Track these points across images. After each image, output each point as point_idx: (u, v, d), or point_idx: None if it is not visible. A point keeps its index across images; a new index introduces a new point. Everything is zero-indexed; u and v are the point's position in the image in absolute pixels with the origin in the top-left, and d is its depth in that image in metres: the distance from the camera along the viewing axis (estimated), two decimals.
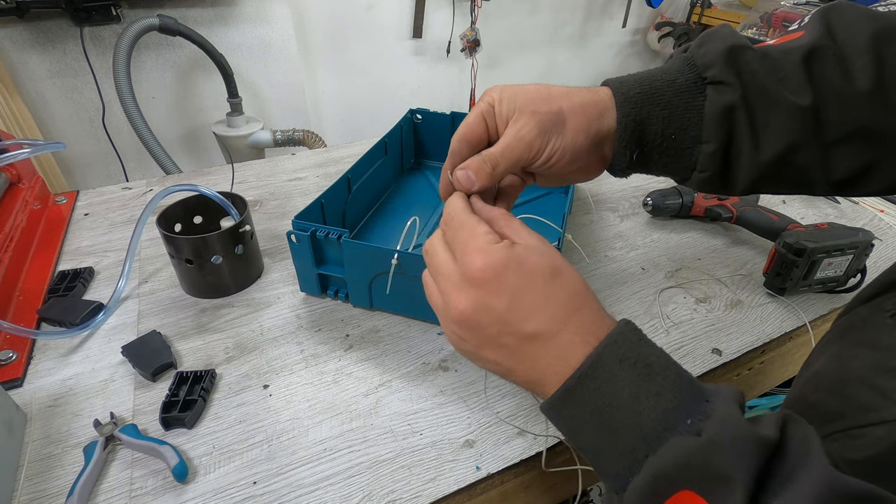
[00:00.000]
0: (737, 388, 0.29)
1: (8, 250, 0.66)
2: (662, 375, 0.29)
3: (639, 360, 0.29)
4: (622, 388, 0.29)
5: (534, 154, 0.37)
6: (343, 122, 2.14)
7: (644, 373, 0.29)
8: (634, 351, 0.30)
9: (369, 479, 0.46)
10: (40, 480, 0.45)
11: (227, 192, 0.65)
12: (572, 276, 0.33)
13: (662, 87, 0.37)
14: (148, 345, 0.56)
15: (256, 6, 1.65)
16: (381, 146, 0.80)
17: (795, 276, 0.64)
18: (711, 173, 0.38)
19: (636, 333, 0.31)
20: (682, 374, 0.29)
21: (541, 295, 0.32)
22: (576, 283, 0.33)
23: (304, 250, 0.60)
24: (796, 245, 0.62)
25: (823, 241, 0.62)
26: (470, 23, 2.10)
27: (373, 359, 0.57)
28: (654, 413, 0.28)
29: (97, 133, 1.58)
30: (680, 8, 2.38)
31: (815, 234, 0.64)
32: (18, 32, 1.38)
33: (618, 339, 0.30)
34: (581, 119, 0.37)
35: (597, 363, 0.30)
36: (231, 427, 0.50)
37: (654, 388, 0.28)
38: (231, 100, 1.62)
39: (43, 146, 0.68)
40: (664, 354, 0.30)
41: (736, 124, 0.36)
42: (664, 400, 0.28)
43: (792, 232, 0.65)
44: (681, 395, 0.28)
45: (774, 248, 0.65)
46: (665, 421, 0.27)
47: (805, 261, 0.62)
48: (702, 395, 0.28)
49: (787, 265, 0.64)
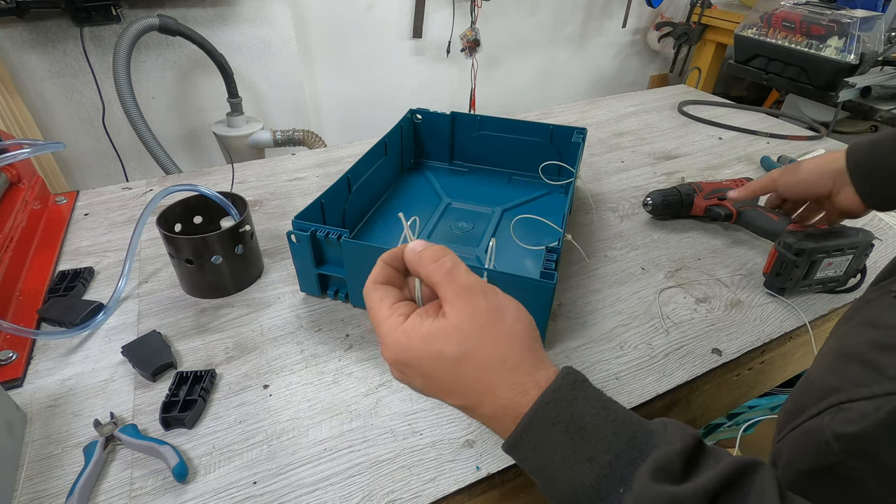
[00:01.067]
0: (677, 428, 0.29)
1: (8, 250, 0.66)
2: (596, 438, 0.28)
3: (571, 423, 0.29)
4: (554, 453, 0.29)
5: (773, 182, 0.64)
6: (343, 122, 2.14)
7: (577, 436, 0.29)
8: (568, 412, 0.29)
9: (369, 479, 0.46)
10: (40, 480, 0.45)
11: (227, 192, 0.65)
12: (482, 350, 0.32)
13: (883, 140, 0.53)
14: (148, 345, 0.56)
15: (256, 6, 1.65)
16: (381, 146, 0.80)
17: (795, 276, 0.64)
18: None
19: (573, 389, 0.30)
20: (619, 432, 0.28)
21: (449, 379, 0.32)
22: (489, 356, 0.32)
23: (304, 250, 0.60)
24: (796, 245, 0.62)
25: (823, 242, 0.62)
26: (470, 23, 2.10)
27: (373, 359, 0.57)
28: (587, 480, 0.28)
29: (97, 133, 1.58)
30: (680, 8, 2.38)
31: (815, 234, 0.63)
32: (18, 32, 1.38)
33: (550, 401, 0.30)
34: (812, 163, 0.60)
35: (529, 427, 0.30)
36: (231, 427, 0.50)
37: (587, 453, 0.28)
38: (231, 100, 1.62)
39: (43, 146, 0.68)
40: (602, 408, 0.30)
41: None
42: (596, 466, 0.28)
43: (792, 232, 0.64)
44: (615, 459, 0.28)
45: (774, 249, 0.65)
46: (598, 489, 0.28)
47: (805, 261, 0.62)
48: (638, 455, 0.28)
49: (788, 265, 0.64)
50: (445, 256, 0.34)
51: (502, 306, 0.33)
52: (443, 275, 0.33)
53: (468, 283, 0.33)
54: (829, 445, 0.31)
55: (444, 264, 0.33)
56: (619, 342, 0.60)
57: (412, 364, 0.33)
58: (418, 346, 0.32)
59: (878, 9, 1.61)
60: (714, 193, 0.80)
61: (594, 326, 0.62)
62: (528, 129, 0.87)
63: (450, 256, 0.34)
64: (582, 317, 0.64)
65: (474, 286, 0.33)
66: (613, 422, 0.29)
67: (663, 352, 0.59)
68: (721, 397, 0.64)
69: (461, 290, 0.33)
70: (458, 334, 0.32)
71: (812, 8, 1.49)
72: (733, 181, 0.82)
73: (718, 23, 2.23)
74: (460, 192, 0.86)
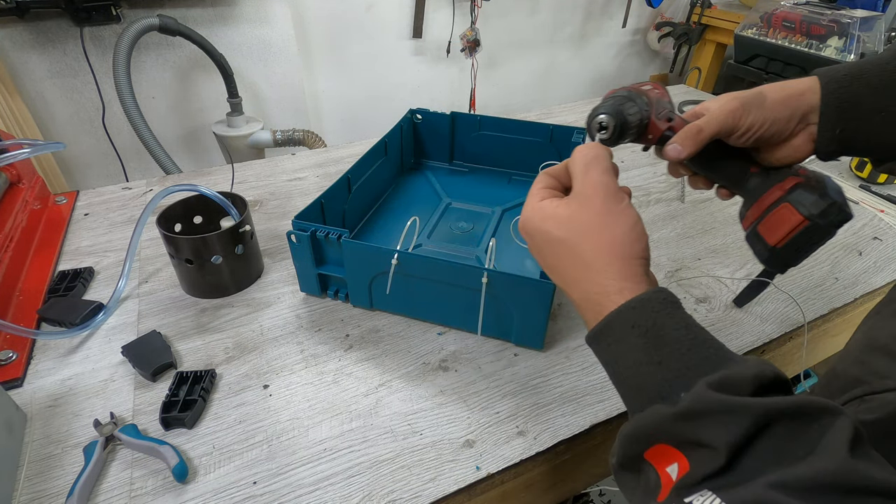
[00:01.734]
0: (760, 362, 0.29)
1: (8, 250, 0.66)
2: (671, 347, 0.30)
3: (651, 330, 0.31)
4: (627, 352, 0.32)
5: (735, 122, 0.41)
6: (343, 122, 2.14)
7: (653, 342, 0.31)
8: (650, 320, 0.31)
9: (369, 479, 0.46)
10: (40, 480, 0.45)
11: (227, 192, 0.65)
12: (580, 243, 0.35)
13: (872, 69, 0.39)
14: (148, 345, 0.56)
15: (256, 6, 1.65)
16: (381, 146, 0.80)
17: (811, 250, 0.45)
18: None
19: (662, 304, 0.32)
20: (695, 348, 0.30)
21: (551, 258, 0.38)
22: (585, 252, 0.35)
23: (304, 250, 0.60)
24: (832, 208, 0.41)
25: (827, 189, 0.42)
26: (470, 23, 2.10)
27: (373, 359, 0.57)
28: (653, 379, 0.30)
29: (97, 133, 1.57)
30: (680, 8, 2.38)
31: (812, 181, 0.43)
32: (18, 32, 1.38)
33: (636, 306, 0.32)
34: (780, 94, 0.41)
35: (609, 324, 0.33)
36: (231, 427, 0.50)
37: (657, 357, 0.30)
38: (231, 100, 1.62)
39: (43, 146, 0.68)
40: (689, 329, 0.31)
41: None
42: (664, 369, 0.30)
43: (799, 185, 0.42)
44: (684, 368, 0.29)
45: (793, 211, 0.42)
46: (660, 389, 0.29)
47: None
48: (709, 370, 0.29)
49: (817, 236, 0.42)
50: (589, 150, 0.38)
51: (618, 214, 0.36)
52: (579, 166, 0.37)
53: (595, 181, 0.36)
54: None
55: (585, 157, 0.37)
56: None
57: (531, 234, 0.39)
58: (537, 222, 0.38)
59: (878, 9, 1.61)
60: (663, 111, 0.47)
61: None
62: (528, 129, 0.87)
63: (593, 150, 0.38)
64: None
65: (598, 186, 0.36)
66: (692, 339, 0.30)
67: None
68: None
69: (587, 185, 0.36)
70: (567, 223, 0.36)
71: (812, 8, 1.49)
72: (655, 85, 0.49)
73: (718, 23, 2.23)
74: (460, 192, 0.86)
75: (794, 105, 0.40)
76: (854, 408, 0.32)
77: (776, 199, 0.43)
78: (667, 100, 0.48)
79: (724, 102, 0.41)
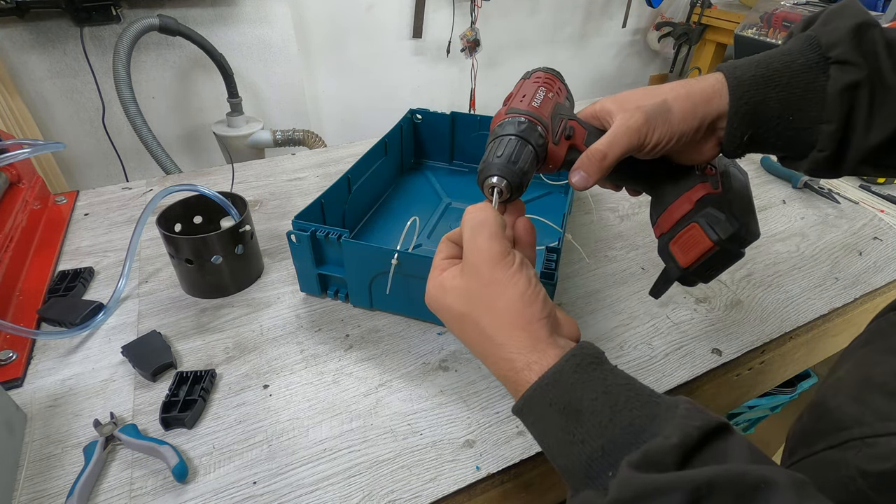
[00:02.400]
0: (686, 417, 0.27)
1: (8, 250, 0.66)
2: (591, 421, 0.29)
3: (568, 406, 0.30)
4: (550, 430, 0.31)
5: (641, 140, 0.38)
6: (343, 122, 2.14)
7: (573, 419, 0.29)
8: (566, 395, 0.30)
9: (369, 479, 0.46)
10: (40, 480, 0.45)
11: (227, 192, 0.65)
12: (479, 316, 0.34)
13: (780, 68, 0.37)
14: (148, 345, 0.56)
15: (256, 6, 1.65)
16: (381, 146, 0.80)
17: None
18: (829, 153, 0.37)
19: (576, 373, 0.30)
20: (616, 418, 0.28)
21: (457, 331, 0.37)
22: (485, 326, 0.34)
23: (304, 250, 0.60)
24: (741, 230, 0.41)
25: (744, 207, 0.42)
26: (470, 23, 2.10)
27: (373, 359, 0.57)
28: (579, 459, 0.29)
29: (97, 133, 1.58)
30: (680, 8, 2.38)
31: (726, 195, 0.41)
32: (18, 32, 1.38)
33: (550, 382, 0.31)
34: (686, 105, 0.38)
35: (528, 403, 0.32)
36: (231, 427, 0.50)
37: (579, 435, 0.29)
38: (231, 100, 1.62)
39: (43, 146, 0.68)
40: (604, 393, 0.29)
41: (856, 105, 0.35)
42: (588, 448, 0.28)
43: (706, 198, 0.41)
44: (607, 444, 0.28)
45: (702, 233, 0.41)
46: (588, 470, 0.28)
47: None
48: (633, 442, 0.27)
49: (727, 260, 0.42)
50: (476, 214, 0.35)
51: (506, 281, 0.33)
52: (467, 232, 0.35)
53: (480, 248, 0.34)
54: (854, 482, 0.30)
55: (472, 221, 0.35)
56: (619, 342, 0.60)
57: (438, 311, 0.37)
58: (440, 298, 0.36)
59: (878, 9, 1.62)
60: (560, 125, 0.42)
61: (594, 326, 0.62)
62: None
63: (480, 214, 0.35)
64: (582, 317, 0.64)
65: (483, 253, 0.34)
66: (612, 407, 0.29)
67: (663, 352, 0.59)
68: (721, 397, 0.64)
69: (473, 252, 0.34)
70: (466, 294, 0.35)
71: (812, 8, 1.50)
72: (546, 79, 0.45)
73: (718, 23, 2.23)
74: (460, 192, 0.86)
75: (702, 114, 0.38)
76: (855, 451, 0.30)
77: (685, 212, 0.41)
78: (563, 99, 0.45)
79: (627, 118, 0.38)
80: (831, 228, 0.82)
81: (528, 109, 0.40)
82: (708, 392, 0.60)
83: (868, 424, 0.31)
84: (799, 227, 0.82)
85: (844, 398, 0.35)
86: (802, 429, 0.37)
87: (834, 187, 0.93)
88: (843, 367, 0.39)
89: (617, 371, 0.31)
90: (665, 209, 0.43)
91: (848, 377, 0.37)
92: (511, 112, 0.41)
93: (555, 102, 0.43)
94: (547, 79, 0.45)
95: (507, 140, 0.39)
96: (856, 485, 0.29)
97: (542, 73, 0.46)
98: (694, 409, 0.28)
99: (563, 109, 0.43)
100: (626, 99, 0.39)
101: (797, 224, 0.83)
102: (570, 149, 0.42)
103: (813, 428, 0.35)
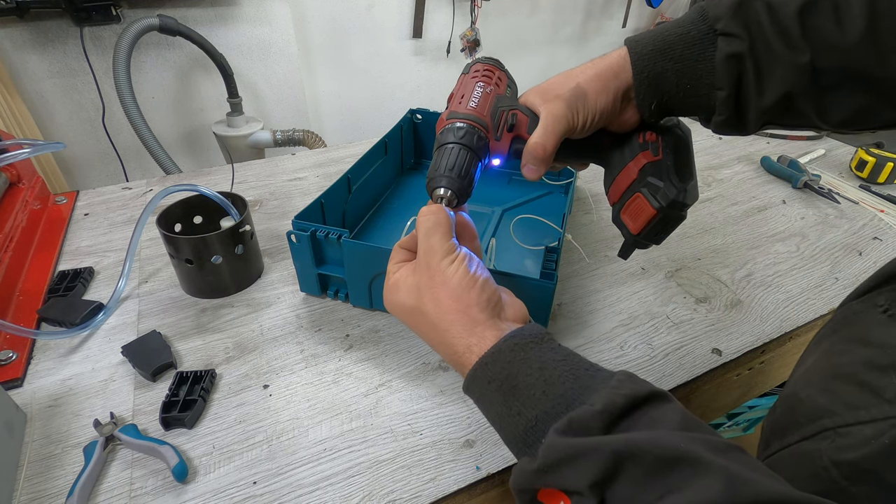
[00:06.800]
0: (622, 378, 0.29)
1: (8, 250, 0.66)
2: (525, 395, 0.31)
3: (506, 382, 0.32)
4: (491, 406, 0.34)
5: (569, 125, 0.41)
6: (343, 122, 2.14)
7: (510, 394, 0.32)
8: (503, 372, 0.33)
9: (369, 479, 0.46)
10: (40, 480, 0.45)
11: (227, 192, 0.65)
12: (425, 306, 0.37)
13: (675, 41, 0.39)
14: (148, 345, 0.56)
15: (256, 6, 1.65)
16: (381, 146, 0.80)
17: None
18: (727, 116, 0.39)
19: (513, 352, 0.33)
20: (549, 391, 0.31)
21: (411, 325, 0.40)
22: (431, 315, 0.37)
23: (304, 250, 0.60)
24: (681, 196, 0.42)
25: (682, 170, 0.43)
26: (470, 23, 2.10)
27: (373, 359, 0.57)
28: (517, 431, 0.31)
29: (97, 133, 1.57)
30: (680, 8, 2.38)
31: (667, 163, 0.43)
32: (18, 32, 1.38)
33: (488, 362, 0.34)
34: (598, 84, 0.41)
35: (471, 383, 0.35)
36: (231, 427, 0.50)
37: (516, 408, 0.31)
38: (231, 100, 1.62)
39: (43, 146, 0.68)
40: (539, 369, 0.32)
41: (744, 72, 0.37)
42: (523, 419, 0.31)
43: (652, 165, 0.43)
44: (541, 415, 0.30)
45: (644, 201, 0.43)
46: (525, 439, 0.31)
47: None
48: (564, 412, 0.29)
49: (670, 224, 0.44)
50: (429, 216, 0.39)
51: (447, 270, 0.37)
52: (420, 233, 0.39)
53: (431, 247, 0.38)
54: (827, 472, 0.30)
55: (425, 223, 0.39)
56: (620, 342, 0.60)
57: (394, 311, 0.40)
58: (391, 297, 0.40)
59: None
60: (502, 119, 0.44)
61: (594, 326, 0.62)
62: None
63: (433, 217, 0.39)
64: (582, 317, 0.64)
65: (432, 251, 0.37)
66: (546, 381, 0.31)
67: (663, 352, 0.59)
68: (721, 397, 0.64)
69: (423, 251, 0.38)
70: (415, 289, 0.38)
71: None
72: (486, 70, 0.46)
73: None
74: None
75: (614, 88, 0.41)
76: (828, 442, 0.31)
77: (629, 182, 0.43)
78: (503, 89, 0.46)
79: (551, 108, 0.41)
80: (831, 228, 0.82)
81: (467, 112, 0.43)
82: (708, 392, 0.60)
83: (839, 414, 0.31)
84: (799, 227, 0.83)
85: (814, 389, 0.35)
86: (776, 421, 0.38)
87: (834, 187, 0.93)
88: (810, 357, 0.40)
89: (559, 349, 0.34)
90: (614, 179, 0.45)
91: (816, 367, 0.37)
92: (451, 117, 0.43)
93: (494, 95, 0.44)
94: (486, 71, 0.46)
95: (450, 149, 0.42)
96: (829, 475, 0.30)
97: (480, 66, 0.47)
98: (628, 379, 0.30)
99: (504, 101, 0.45)
100: (545, 90, 0.42)
101: (797, 224, 0.83)
102: (515, 139, 0.44)
103: (785, 420, 0.36)
